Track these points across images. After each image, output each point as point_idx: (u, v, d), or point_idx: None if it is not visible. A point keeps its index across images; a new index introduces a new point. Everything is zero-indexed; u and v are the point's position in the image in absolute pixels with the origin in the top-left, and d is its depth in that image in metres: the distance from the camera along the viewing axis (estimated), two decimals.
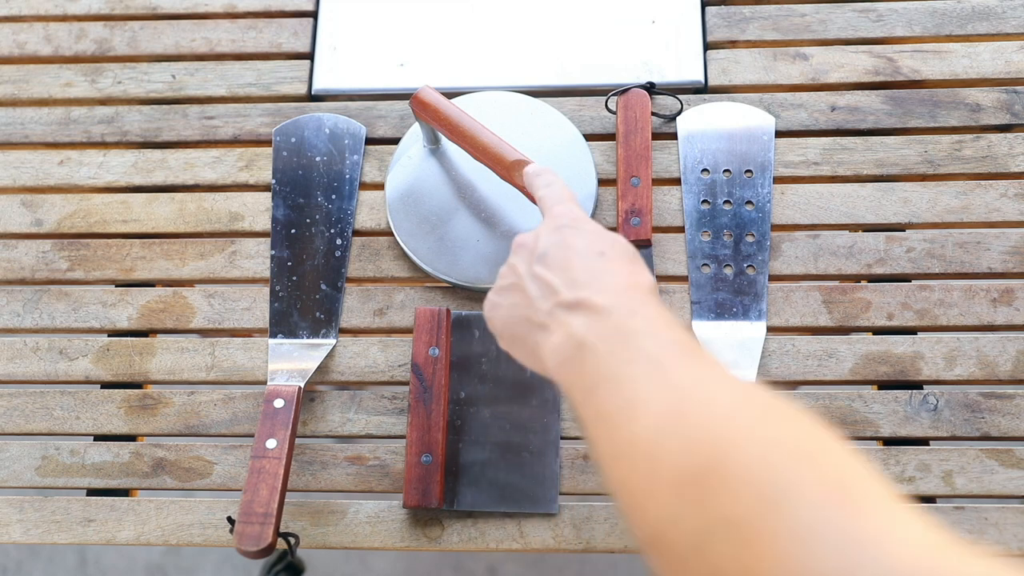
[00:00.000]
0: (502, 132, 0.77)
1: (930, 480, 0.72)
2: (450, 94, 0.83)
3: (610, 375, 0.45)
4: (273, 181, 0.85)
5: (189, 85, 0.90)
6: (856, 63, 0.86)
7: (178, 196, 0.86)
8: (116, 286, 0.84)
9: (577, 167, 0.83)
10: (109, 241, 0.85)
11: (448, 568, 1.44)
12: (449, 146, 0.84)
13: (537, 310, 0.53)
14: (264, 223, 0.84)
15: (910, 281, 0.79)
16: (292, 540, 0.70)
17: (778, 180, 0.83)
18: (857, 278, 0.79)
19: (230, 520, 0.68)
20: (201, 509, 0.75)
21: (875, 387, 0.76)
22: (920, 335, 0.77)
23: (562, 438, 0.76)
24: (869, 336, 0.77)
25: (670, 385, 0.43)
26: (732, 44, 0.88)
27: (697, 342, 0.45)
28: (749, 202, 0.81)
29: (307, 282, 0.81)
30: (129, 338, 0.81)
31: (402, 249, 0.82)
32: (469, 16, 0.92)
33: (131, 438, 0.78)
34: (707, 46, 0.88)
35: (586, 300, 0.50)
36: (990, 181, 0.81)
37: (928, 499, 0.72)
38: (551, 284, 0.53)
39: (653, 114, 0.85)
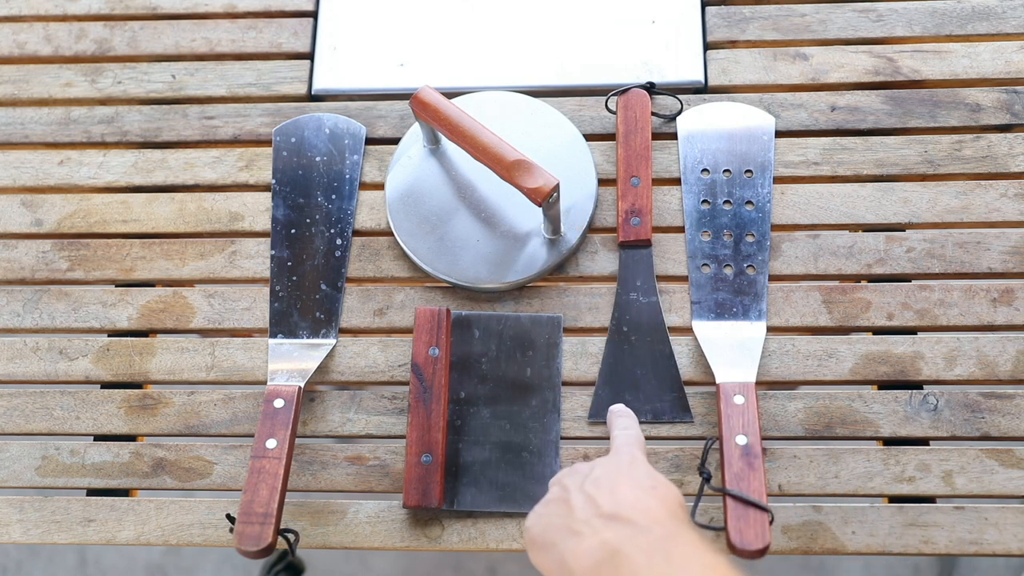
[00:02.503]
0: (502, 132, 0.77)
1: (930, 480, 0.72)
2: (450, 94, 0.83)
3: None
4: (273, 181, 0.85)
5: (189, 85, 0.90)
6: (856, 63, 0.86)
7: (178, 196, 0.86)
8: (116, 286, 0.84)
9: (577, 167, 0.83)
10: (109, 241, 0.85)
11: (448, 568, 1.44)
12: (449, 146, 0.84)
13: (575, 519, 0.54)
14: (264, 223, 0.84)
15: (910, 281, 0.79)
16: (292, 537, 0.70)
17: (778, 180, 0.83)
18: (857, 278, 0.79)
19: (229, 518, 0.68)
20: (201, 509, 0.75)
21: (875, 387, 0.76)
22: (920, 335, 0.77)
23: (562, 438, 0.76)
24: (869, 336, 0.77)
25: None
26: (732, 44, 0.88)
27: (736, 571, 0.49)
28: (749, 202, 0.81)
29: (307, 282, 0.81)
30: (129, 338, 0.81)
31: (402, 249, 0.82)
32: (469, 16, 0.92)
33: (131, 438, 0.78)
34: (707, 46, 0.88)
35: (625, 515, 0.52)
36: (990, 181, 0.81)
37: (928, 499, 0.72)
38: (595, 499, 0.54)
39: (653, 114, 0.85)
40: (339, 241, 0.83)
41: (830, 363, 0.76)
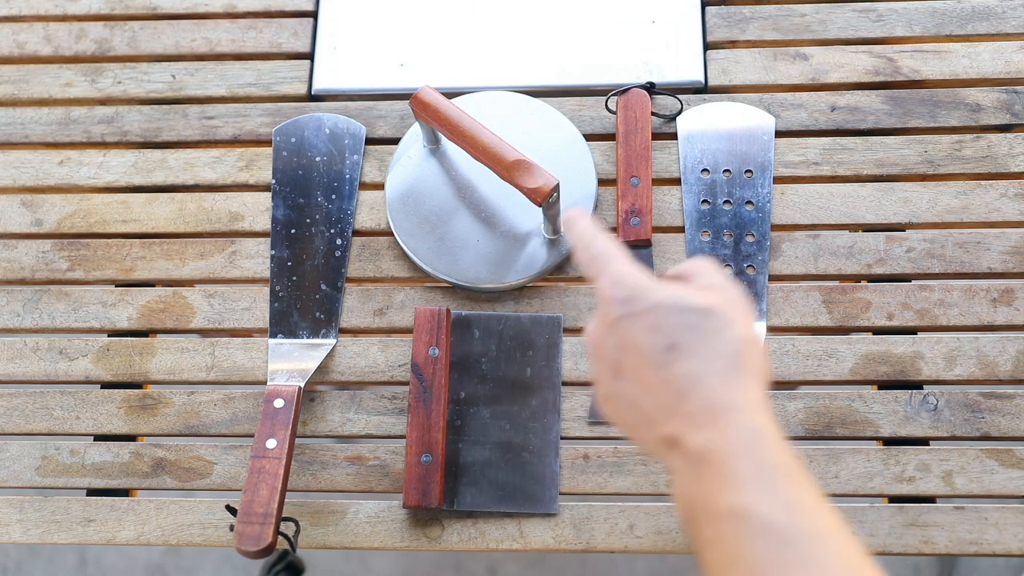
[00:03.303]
0: (502, 132, 0.77)
1: (930, 480, 0.72)
2: (450, 94, 0.83)
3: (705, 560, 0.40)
4: (273, 181, 0.85)
5: (189, 85, 0.90)
6: (856, 63, 0.86)
7: (178, 196, 0.86)
8: (116, 286, 0.84)
9: (577, 167, 0.83)
10: (109, 241, 0.85)
11: (448, 568, 1.44)
12: (449, 146, 0.84)
13: (646, 438, 0.45)
14: (264, 223, 0.84)
15: (910, 281, 0.79)
16: (292, 527, 0.70)
17: (778, 180, 0.83)
18: (857, 278, 0.79)
19: (229, 509, 0.68)
20: (201, 509, 0.75)
21: (875, 387, 0.76)
22: (920, 335, 0.77)
23: (562, 438, 0.76)
24: (869, 336, 0.77)
25: None
26: (732, 44, 0.88)
27: (799, 496, 0.40)
28: (749, 202, 0.81)
29: (307, 282, 0.81)
30: (129, 338, 0.81)
31: (402, 249, 0.82)
32: (469, 16, 0.92)
33: (131, 438, 0.78)
34: (707, 46, 0.88)
35: (679, 440, 0.42)
36: (990, 181, 0.81)
37: (928, 499, 0.72)
38: (642, 410, 0.44)
39: (653, 114, 0.85)
40: (339, 241, 0.83)
41: (830, 363, 0.76)
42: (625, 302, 0.44)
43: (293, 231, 0.83)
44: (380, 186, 0.85)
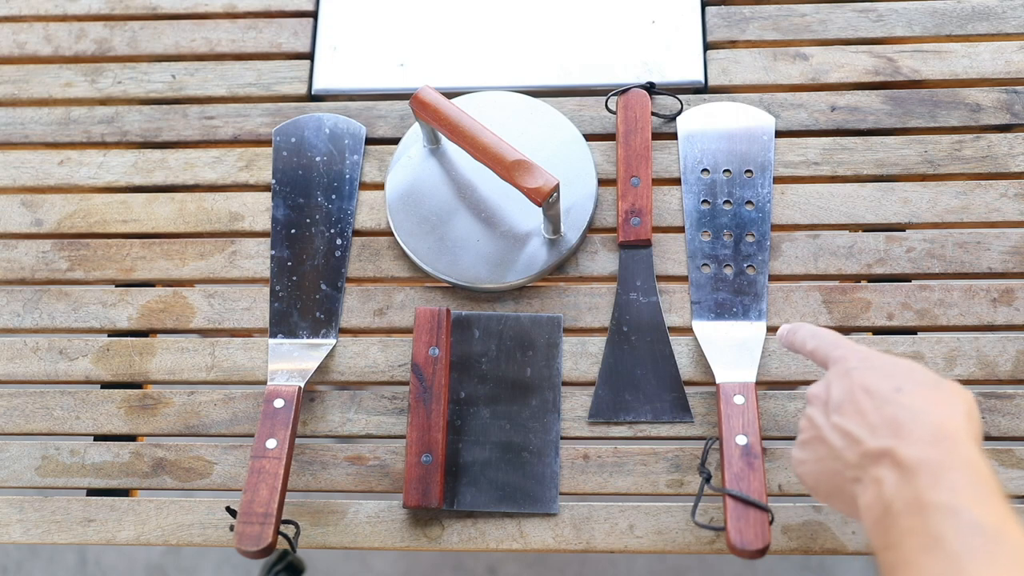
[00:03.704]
0: (502, 132, 0.77)
1: None
2: (450, 94, 0.83)
3: (908, 560, 0.44)
4: (273, 181, 0.85)
5: (189, 85, 0.90)
6: (856, 63, 0.86)
7: (178, 196, 0.86)
8: (116, 286, 0.84)
9: (577, 167, 0.83)
10: (109, 241, 0.85)
11: (448, 568, 1.44)
12: (449, 146, 0.84)
13: (845, 463, 0.51)
14: (264, 223, 0.84)
15: (910, 281, 0.79)
16: (292, 530, 0.70)
17: (778, 180, 0.83)
18: (857, 278, 0.79)
19: (230, 510, 0.68)
20: (201, 509, 0.75)
21: None
22: (920, 335, 0.77)
23: (562, 438, 0.76)
24: (869, 336, 0.77)
25: None
26: (732, 44, 0.88)
27: (1009, 516, 0.44)
28: (749, 202, 0.81)
29: (307, 282, 0.81)
30: (129, 338, 0.81)
31: (402, 249, 0.82)
32: (469, 16, 0.92)
33: (131, 438, 0.78)
34: (707, 46, 0.88)
35: (891, 451, 0.48)
36: (990, 181, 0.81)
37: None
38: (852, 434, 0.51)
39: (653, 114, 0.85)
40: (339, 241, 0.83)
41: None
42: (863, 359, 0.54)
43: (293, 231, 0.83)
44: (380, 186, 0.85)
